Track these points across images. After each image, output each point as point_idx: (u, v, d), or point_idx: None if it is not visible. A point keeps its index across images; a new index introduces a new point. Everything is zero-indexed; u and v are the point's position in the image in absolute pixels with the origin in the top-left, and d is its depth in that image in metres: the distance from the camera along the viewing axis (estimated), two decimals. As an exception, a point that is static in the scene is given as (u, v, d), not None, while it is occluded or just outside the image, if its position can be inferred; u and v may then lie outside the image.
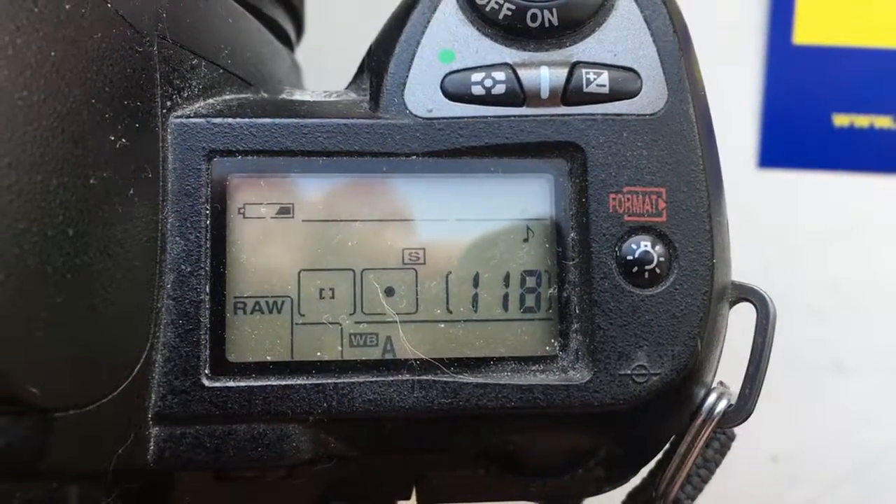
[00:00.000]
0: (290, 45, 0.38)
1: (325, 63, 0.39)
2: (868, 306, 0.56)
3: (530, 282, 0.27)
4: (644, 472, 0.31)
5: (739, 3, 0.56)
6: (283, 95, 0.29)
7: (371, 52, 0.29)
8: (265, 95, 0.29)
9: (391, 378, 0.25)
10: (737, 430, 0.30)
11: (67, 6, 0.22)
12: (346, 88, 0.30)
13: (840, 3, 0.55)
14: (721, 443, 0.30)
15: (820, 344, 0.56)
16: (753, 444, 0.55)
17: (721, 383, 0.29)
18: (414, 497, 0.30)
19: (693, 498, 0.30)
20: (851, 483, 0.56)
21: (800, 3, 0.55)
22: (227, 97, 0.27)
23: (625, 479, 0.30)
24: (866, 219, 0.56)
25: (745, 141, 0.56)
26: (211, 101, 0.27)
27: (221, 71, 0.28)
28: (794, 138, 0.56)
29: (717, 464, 0.30)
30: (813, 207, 0.56)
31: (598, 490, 0.30)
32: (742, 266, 0.33)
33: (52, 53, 0.21)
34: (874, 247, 0.56)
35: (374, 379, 0.25)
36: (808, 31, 0.55)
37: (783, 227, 0.56)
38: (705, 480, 0.30)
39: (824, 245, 0.56)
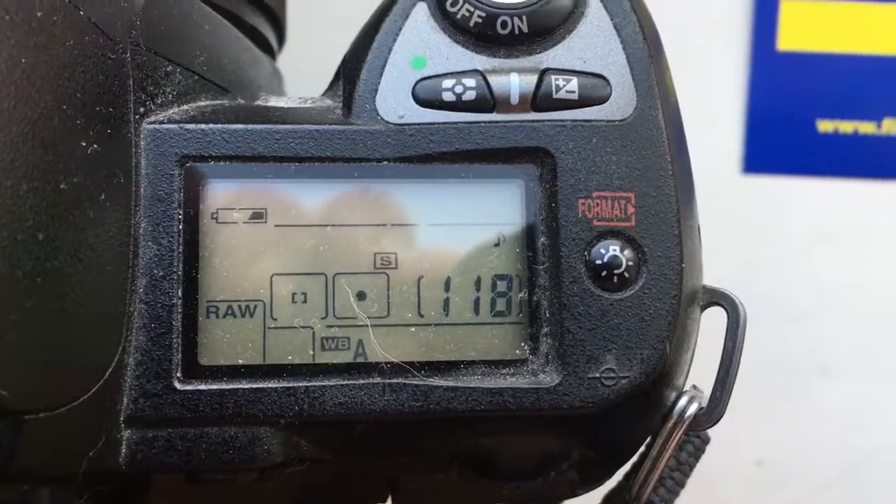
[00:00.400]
0: (271, 52, 0.38)
1: (309, 69, 0.39)
2: (853, 310, 0.56)
3: (501, 286, 0.27)
4: (620, 474, 0.31)
5: (723, 10, 0.56)
6: (259, 102, 0.29)
7: (345, 60, 0.29)
8: (241, 101, 0.29)
9: (362, 381, 0.26)
10: (722, 433, 0.31)
11: (39, 14, 0.22)
12: (323, 95, 0.30)
13: (824, 9, 0.56)
14: (695, 446, 0.31)
15: (805, 347, 0.57)
16: (738, 449, 0.56)
17: (694, 387, 0.29)
18: (389, 501, 0.31)
19: (668, 501, 0.30)
20: (837, 487, 0.57)
21: (784, 9, 0.56)
22: (202, 103, 0.28)
23: (599, 481, 0.30)
24: (850, 223, 0.56)
25: (730, 146, 0.56)
26: (185, 107, 0.27)
27: (197, 77, 0.28)
28: (779, 144, 0.56)
29: (692, 467, 0.30)
30: (797, 212, 0.56)
31: (572, 493, 0.30)
32: (727, 270, 0.33)
33: (23, 60, 0.21)
34: (859, 251, 0.56)
35: (345, 382, 0.26)
36: (792, 38, 0.56)
37: (768, 231, 0.56)
38: (680, 484, 0.30)
39: (809, 249, 0.57)
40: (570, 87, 0.27)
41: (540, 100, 0.27)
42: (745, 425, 0.51)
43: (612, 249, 0.26)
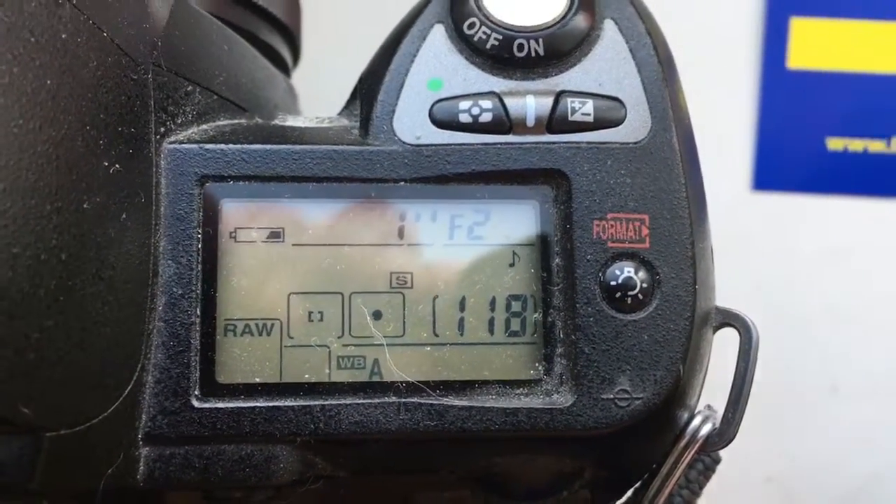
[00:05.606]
0: (286, 70, 0.38)
1: (324, 87, 0.40)
2: (864, 329, 0.56)
3: (516, 306, 0.27)
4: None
5: (734, 28, 0.56)
6: (276, 121, 0.29)
7: (362, 80, 0.29)
8: (259, 121, 0.29)
9: (377, 400, 0.26)
10: (731, 450, 0.30)
11: (64, 35, 0.22)
12: (339, 114, 0.30)
13: (834, 28, 0.56)
14: (706, 465, 0.31)
15: (816, 365, 0.57)
16: (748, 466, 0.56)
17: (708, 406, 0.29)
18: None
19: (677, 519, 0.30)
20: (847, 505, 0.56)
21: (794, 28, 0.56)
22: (221, 123, 0.28)
23: (611, 501, 0.30)
24: (860, 241, 0.56)
25: (740, 164, 0.57)
26: (205, 126, 0.27)
27: (216, 97, 0.28)
28: (789, 162, 0.56)
29: (702, 486, 0.31)
30: (807, 230, 0.57)
31: (584, 512, 0.30)
32: (737, 288, 0.33)
33: (48, 82, 0.22)
34: (869, 269, 0.56)
35: (360, 401, 0.26)
36: (802, 56, 0.56)
37: (778, 249, 0.56)
38: (689, 501, 0.30)
39: (819, 267, 0.57)
40: (585, 109, 0.27)
41: (556, 122, 0.27)
42: (755, 443, 0.51)
43: (626, 271, 0.26)
